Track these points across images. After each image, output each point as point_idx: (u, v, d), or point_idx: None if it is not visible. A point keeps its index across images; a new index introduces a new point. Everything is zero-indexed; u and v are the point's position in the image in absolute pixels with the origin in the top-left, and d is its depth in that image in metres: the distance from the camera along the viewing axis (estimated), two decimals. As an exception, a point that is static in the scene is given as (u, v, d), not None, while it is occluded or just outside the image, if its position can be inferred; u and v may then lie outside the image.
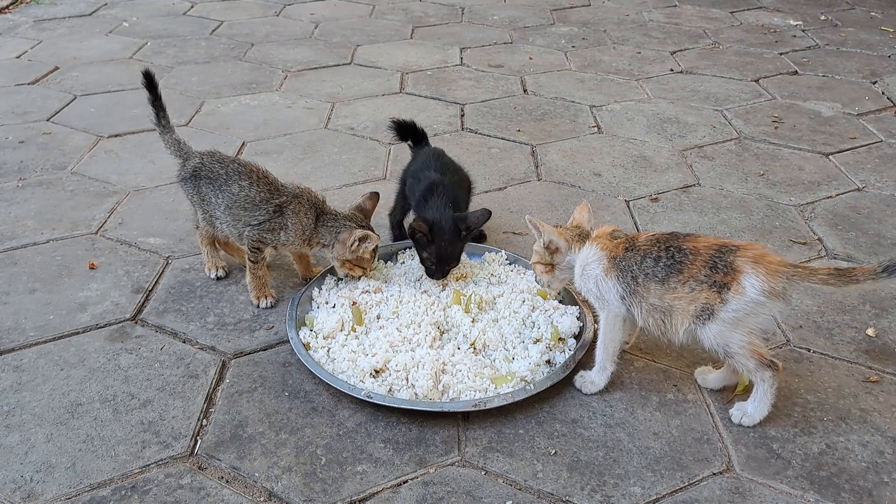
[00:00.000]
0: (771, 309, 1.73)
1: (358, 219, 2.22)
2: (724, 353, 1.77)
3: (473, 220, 2.26)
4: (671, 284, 1.75)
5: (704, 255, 1.74)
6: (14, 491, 1.64)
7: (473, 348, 2.03)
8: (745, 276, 1.69)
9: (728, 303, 1.71)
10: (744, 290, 1.69)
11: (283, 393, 1.93)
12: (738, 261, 1.71)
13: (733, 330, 1.73)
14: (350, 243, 2.14)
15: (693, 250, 1.75)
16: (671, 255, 1.77)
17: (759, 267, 1.69)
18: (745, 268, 1.70)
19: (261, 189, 2.17)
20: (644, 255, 1.80)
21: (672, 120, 3.65)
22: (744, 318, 1.72)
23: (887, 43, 4.87)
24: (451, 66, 4.34)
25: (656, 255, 1.78)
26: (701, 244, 1.76)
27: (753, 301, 1.70)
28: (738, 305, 1.70)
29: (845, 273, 1.69)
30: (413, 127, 2.63)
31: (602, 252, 1.86)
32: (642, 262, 1.79)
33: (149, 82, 2.30)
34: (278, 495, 1.64)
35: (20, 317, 2.19)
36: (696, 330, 1.77)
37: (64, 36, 4.71)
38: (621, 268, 1.82)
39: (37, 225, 2.65)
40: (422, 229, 2.18)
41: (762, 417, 1.84)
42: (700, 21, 5.32)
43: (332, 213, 2.21)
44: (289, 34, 4.86)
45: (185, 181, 2.27)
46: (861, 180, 3.09)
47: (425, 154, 2.52)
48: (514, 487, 1.68)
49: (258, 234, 2.17)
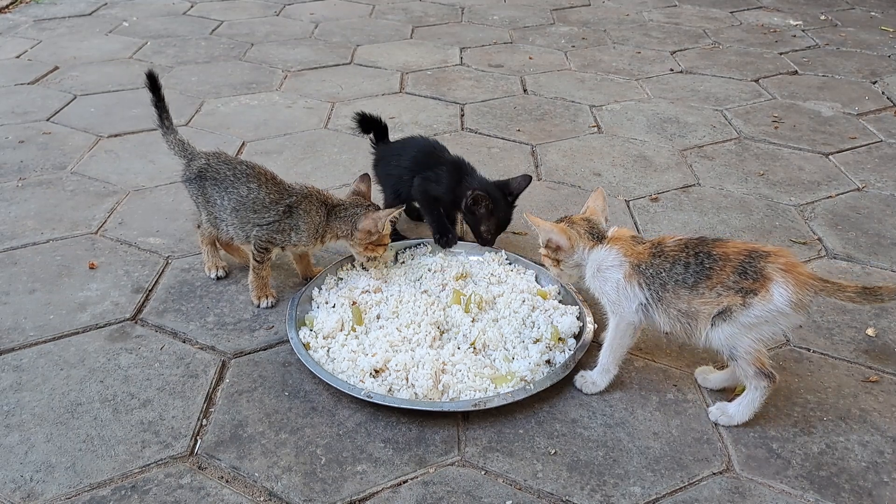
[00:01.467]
0: (792, 321, 1.72)
1: (362, 202, 2.26)
2: (729, 355, 1.76)
3: (515, 185, 2.39)
4: (700, 290, 1.73)
5: (734, 260, 1.71)
6: (14, 491, 1.64)
7: (473, 348, 2.03)
8: (776, 284, 1.67)
9: (751, 307, 1.68)
10: (771, 298, 1.67)
11: (283, 393, 1.93)
12: (769, 268, 1.68)
13: (746, 334, 1.72)
14: (381, 226, 2.17)
15: (723, 256, 1.73)
16: (700, 262, 1.74)
17: (789, 277, 1.67)
18: (776, 276, 1.67)
19: (270, 191, 2.17)
20: (673, 261, 1.76)
21: (672, 120, 3.65)
22: (761, 324, 1.70)
23: (887, 43, 4.87)
24: (450, 65, 4.34)
25: (685, 262, 1.75)
26: (731, 249, 1.74)
27: (779, 310, 1.68)
28: (760, 312, 1.68)
29: (872, 291, 1.68)
30: (378, 122, 2.62)
31: (624, 258, 1.82)
32: (672, 268, 1.76)
33: (152, 84, 2.29)
34: (278, 495, 1.64)
35: (20, 316, 2.19)
36: (709, 330, 1.75)
37: (64, 36, 4.71)
38: (648, 275, 1.78)
39: (37, 225, 2.65)
40: (485, 200, 2.29)
41: (742, 422, 1.83)
42: (700, 21, 5.32)
43: (342, 205, 2.23)
44: (289, 34, 4.86)
45: (190, 182, 2.26)
46: (861, 180, 3.09)
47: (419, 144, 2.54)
48: (514, 487, 1.68)
49: (267, 235, 2.17)
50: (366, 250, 2.23)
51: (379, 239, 2.22)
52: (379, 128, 2.62)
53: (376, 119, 2.61)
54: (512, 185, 2.40)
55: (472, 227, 2.42)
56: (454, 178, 2.40)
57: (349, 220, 2.20)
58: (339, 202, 2.24)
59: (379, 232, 2.19)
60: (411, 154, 2.49)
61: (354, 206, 2.23)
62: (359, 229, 2.18)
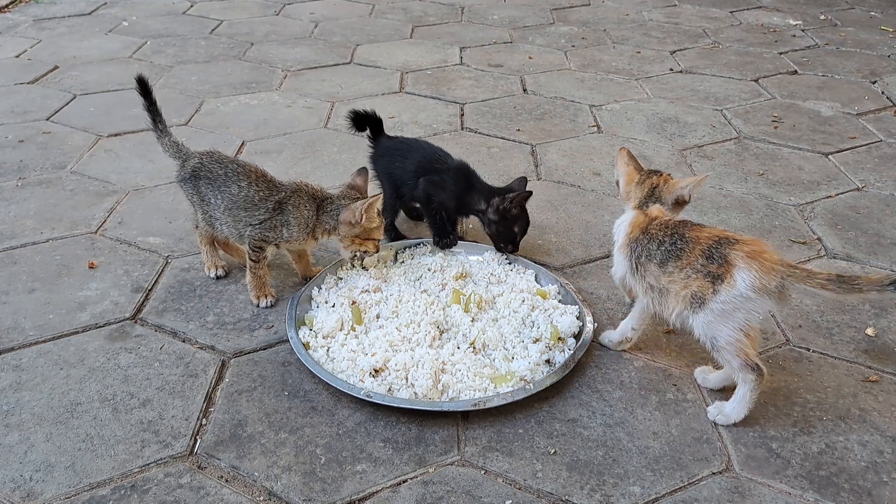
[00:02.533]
0: (761, 306, 1.73)
1: (353, 196, 2.21)
2: (711, 346, 1.79)
3: (518, 189, 2.41)
4: (668, 269, 1.81)
5: (703, 244, 1.77)
6: (13, 490, 1.64)
7: (473, 348, 2.03)
8: (738, 269, 1.71)
9: (719, 293, 1.73)
10: (735, 283, 1.71)
11: (283, 392, 1.93)
12: (733, 254, 1.72)
13: (722, 323, 1.75)
14: (358, 216, 2.12)
15: (694, 239, 1.79)
16: (674, 242, 1.81)
17: (753, 262, 1.70)
18: (739, 262, 1.71)
19: (259, 188, 2.17)
20: (651, 238, 1.87)
21: (672, 119, 3.65)
22: (733, 311, 1.73)
23: (887, 42, 4.87)
24: (450, 65, 4.34)
25: (660, 240, 1.84)
26: (703, 234, 1.80)
27: (742, 296, 1.71)
28: (727, 298, 1.72)
29: (847, 280, 1.67)
30: (372, 117, 2.61)
31: (629, 227, 1.94)
32: (648, 244, 1.86)
33: (143, 88, 2.30)
34: (278, 495, 1.64)
35: (20, 316, 2.18)
36: (688, 317, 1.80)
37: (63, 35, 4.71)
38: (632, 248, 1.90)
39: (36, 224, 2.65)
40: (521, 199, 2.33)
41: (738, 419, 1.84)
42: (700, 21, 5.32)
43: (330, 198, 2.20)
44: (288, 33, 4.85)
45: (185, 182, 2.27)
46: (861, 180, 3.09)
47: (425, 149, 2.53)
48: (513, 487, 1.68)
49: (260, 234, 2.16)
50: (353, 244, 2.20)
51: (365, 233, 2.18)
52: (374, 123, 2.62)
53: (370, 115, 2.61)
54: (514, 188, 2.42)
55: (503, 232, 2.38)
56: (461, 183, 2.41)
57: (333, 214, 2.17)
58: (328, 197, 2.21)
59: (359, 223, 2.14)
60: (417, 157, 2.49)
61: (340, 200, 2.19)
62: (340, 222, 2.16)
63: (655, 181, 2.01)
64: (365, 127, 2.63)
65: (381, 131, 2.64)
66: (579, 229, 2.69)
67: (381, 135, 2.63)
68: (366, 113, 2.60)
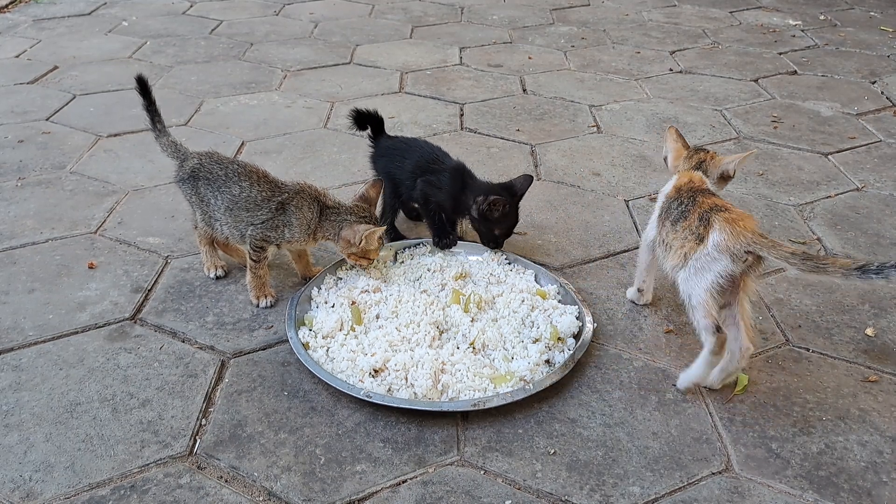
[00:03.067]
0: (722, 266, 1.80)
1: (360, 209, 2.21)
2: (687, 304, 1.89)
3: (519, 186, 2.41)
4: (677, 228, 1.95)
5: (701, 209, 1.90)
6: (13, 490, 1.64)
7: (473, 348, 2.03)
8: (713, 230, 1.83)
9: (697, 251, 1.85)
10: (707, 243, 1.83)
11: (283, 392, 1.93)
12: (715, 217, 1.85)
13: (696, 282, 1.85)
14: (357, 240, 2.14)
15: (699, 204, 1.92)
16: (687, 205, 1.95)
17: (727, 226, 1.81)
18: (717, 224, 1.83)
19: (262, 188, 2.17)
20: (677, 199, 2.00)
21: (671, 120, 3.65)
22: (702, 270, 1.83)
23: (886, 43, 4.87)
24: (450, 65, 4.34)
25: (681, 201, 1.98)
26: (707, 200, 1.93)
27: (710, 255, 1.82)
28: (699, 255, 1.84)
29: (813, 259, 1.69)
30: (374, 116, 2.62)
31: (671, 188, 2.08)
32: (671, 203, 2.01)
33: (142, 88, 2.31)
34: (277, 495, 1.64)
35: (19, 316, 2.18)
36: (678, 273, 1.91)
37: (63, 35, 4.71)
38: (664, 205, 2.06)
39: (36, 224, 2.65)
40: (502, 204, 2.31)
41: (697, 378, 1.91)
42: (699, 21, 5.32)
43: (335, 207, 2.20)
44: (288, 34, 4.86)
45: (184, 182, 2.27)
46: (860, 180, 3.09)
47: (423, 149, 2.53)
48: (513, 487, 1.68)
49: (261, 233, 2.16)
50: (349, 258, 2.22)
51: (363, 252, 2.19)
52: (375, 122, 2.63)
53: (372, 113, 2.62)
54: (516, 186, 2.41)
55: (484, 232, 2.41)
56: (457, 183, 2.40)
57: (336, 225, 2.17)
58: (335, 203, 2.21)
59: (356, 245, 2.15)
60: (415, 158, 2.49)
61: (347, 213, 2.18)
62: (340, 237, 2.17)
63: (702, 157, 2.15)
64: (366, 126, 2.63)
65: (381, 131, 2.64)
66: (579, 229, 2.69)
67: (382, 134, 2.64)
68: (367, 112, 2.60)
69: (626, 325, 2.20)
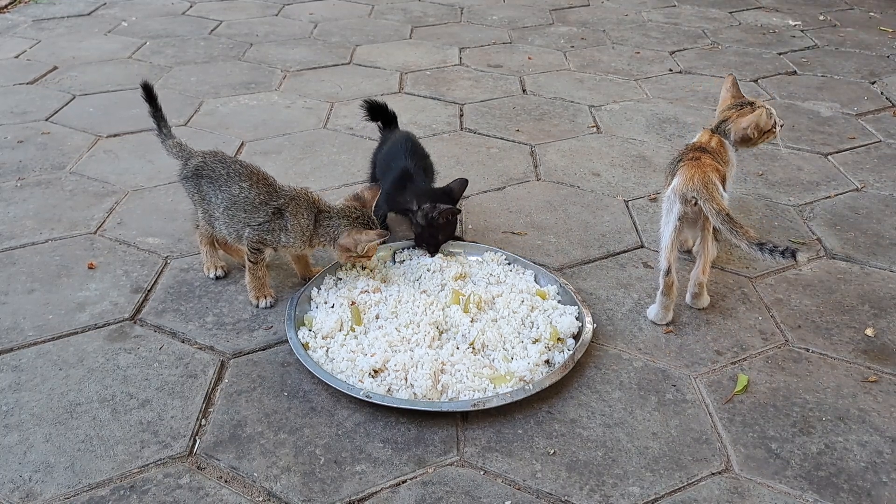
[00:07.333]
0: (676, 207, 2.02)
1: (351, 210, 2.17)
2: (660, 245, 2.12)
3: (458, 190, 2.44)
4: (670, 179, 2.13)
5: (684, 158, 2.11)
6: (13, 491, 1.64)
7: (472, 348, 2.03)
8: (676, 177, 2.06)
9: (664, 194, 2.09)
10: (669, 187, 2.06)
11: (282, 393, 1.93)
12: (681, 165, 2.07)
13: (664, 224, 2.09)
14: (360, 249, 2.14)
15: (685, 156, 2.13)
16: (681, 159, 2.12)
17: (685, 171, 2.03)
18: (679, 170, 2.06)
19: (260, 191, 2.17)
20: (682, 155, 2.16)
21: (671, 120, 3.65)
22: (667, 212, 2.06)
23: (886, 43, 4.88)
24: (450, 65, 4.34)
25: (681, 157, 2.14)
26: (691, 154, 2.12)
27: (668, 197, 2.07)
28: (665, 197, 2.09)
29: (731, 222, 1.94)
30: (385, 109, 2.68)
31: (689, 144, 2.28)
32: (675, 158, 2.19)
33: (148, 95, 2.33)
34: (277, 495, 1.64)
35: (19, 316, 2.18)
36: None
37: (63, 36, 4.70)
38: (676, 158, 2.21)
39: (35, 225, 2.65)
40: (451, 213, 2.34)
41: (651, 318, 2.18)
42: (699, 21, 5.32)
43: (328, 212, 2.17)
44: (288, 34, 4.86)
45: (187, 180, 2.27)
46: (860, 180, 3.09)
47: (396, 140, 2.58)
48: (512, 487, 1.68)
49: (258, 235, 2.16)
50: (347, 261, 2.23)
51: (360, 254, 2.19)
52: (386, 115, 2.67)
53: (382, 106, 2.67)
54: (455, 191, 2.43)
55: (427, 238, 2.38)
56: (398, 185, 2.42)
57: (331, 231, 2.15)
58: (327, 208, 2.18)
59: (355, 252, 2.15)
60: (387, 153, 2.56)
61: (340, 217, 2.16)
62: (338, 244, 2.15)
63: (728, 115, 2.27)
64: (378, 117, 2.71)
65: (391, 124, 2.69)
66: (578, 230, 2.69)
67: (387, 127, 2.69)
68: (378, 104, 2.68)
69: (625, 326, 2.20)
